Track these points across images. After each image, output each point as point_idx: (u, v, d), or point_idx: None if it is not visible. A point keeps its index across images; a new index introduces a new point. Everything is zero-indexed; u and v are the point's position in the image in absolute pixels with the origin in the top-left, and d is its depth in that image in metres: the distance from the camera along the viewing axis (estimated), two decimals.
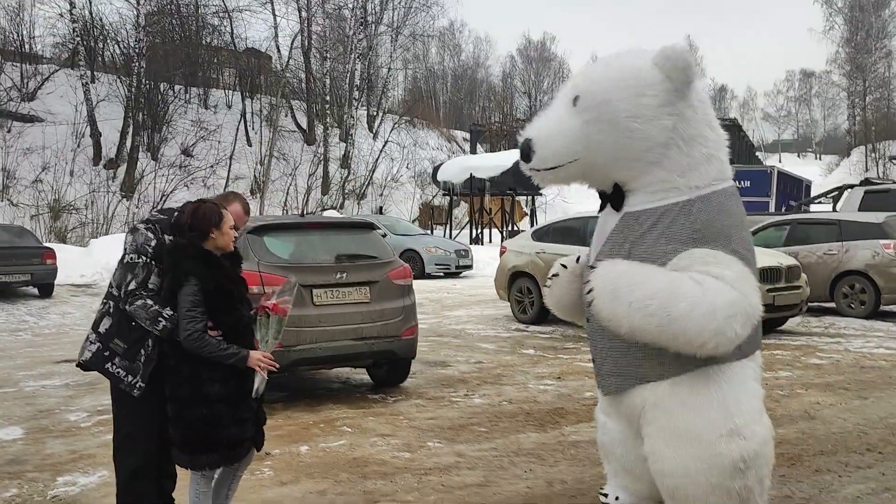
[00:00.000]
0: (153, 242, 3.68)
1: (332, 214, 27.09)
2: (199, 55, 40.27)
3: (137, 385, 3.66)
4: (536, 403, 7.20)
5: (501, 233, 32.07)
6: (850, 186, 19.77)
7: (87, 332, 3.84)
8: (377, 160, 40.30)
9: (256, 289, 6.03)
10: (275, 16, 40.79)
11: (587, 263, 4.09)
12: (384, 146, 41.34)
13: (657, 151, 3.71)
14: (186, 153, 34.64)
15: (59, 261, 16.37)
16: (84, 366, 3.80)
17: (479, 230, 32.50)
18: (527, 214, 37.35)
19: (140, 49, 31.60)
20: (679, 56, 3.66)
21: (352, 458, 5.54)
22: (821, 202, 24.19)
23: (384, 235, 19.77)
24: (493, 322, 12.83)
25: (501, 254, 13.36)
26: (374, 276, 7.35)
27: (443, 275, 21.55)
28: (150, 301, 3.59)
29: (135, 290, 3.60)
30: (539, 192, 34.81)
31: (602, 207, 4.05)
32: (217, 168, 34.24)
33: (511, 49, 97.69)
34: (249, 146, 37.57)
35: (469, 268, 22.22)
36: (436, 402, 7.27)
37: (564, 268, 4.34)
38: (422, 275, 20.60)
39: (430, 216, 37.33)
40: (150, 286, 3.64)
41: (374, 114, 46.61)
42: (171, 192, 29.39)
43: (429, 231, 30.66)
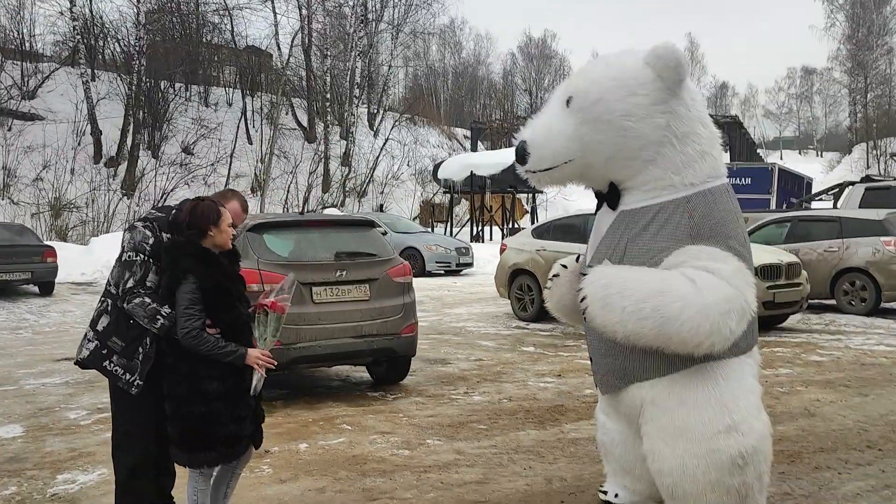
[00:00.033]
0: (151, 240, 3.67)
1: (333, 212, 27.09)
2: (200, 53, 40.24)
3: (135, 383, 3.66)
4: (536, 401, 7.19)
5: (502, 230, 32.07)
6: (851, 183, 19.76)
7: (86, 330, 3.84)
8: (378, 158, 40.29)
9: (256, 287, 6.02)
10: (275, 13, 40.83)
11: (585, 263, 4.09)
12: (385, 144, 41.33)
13: (651, 150, 3.73)
14: (187, 151, 34.64)
15: (60, 259, 16.38)
16: (82, 364, 3.80)
17: (480, 228, 32.51)
18: (528, 212, 37.35)
19: (140, 47, 31.59)
20: (670, 55, 3.68)
21: (351, 456, 5.54)
22: (821, 199, 24.16)
23: (384, 233, 19.82)
24: (494, 320, 12.83)
25: (502, 251, 13.36)
26: (374, 274, 7.35)
27: (443, 272, 21.56)
28: (149, 299, 3.58)
29: (133, 288, 3.60)
30: (540, 190, 34.79)
31: (598, 207, 4.07)
32: (218, 166, 34.23)
33: (512, 46, 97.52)
34: (250, 144, 37.56)
35: (470, 265, 22.23)
36: (435, 400, 7.27)
37: (565, 268, 4.35)
38: (422, 272, 20.61)
39: (431, 214, 37.32)
40: (149, 284, 3.63)
41: (375, 111, 46.59)
42: (172, 190, 29.40)
43: (429, 229, 30.66)
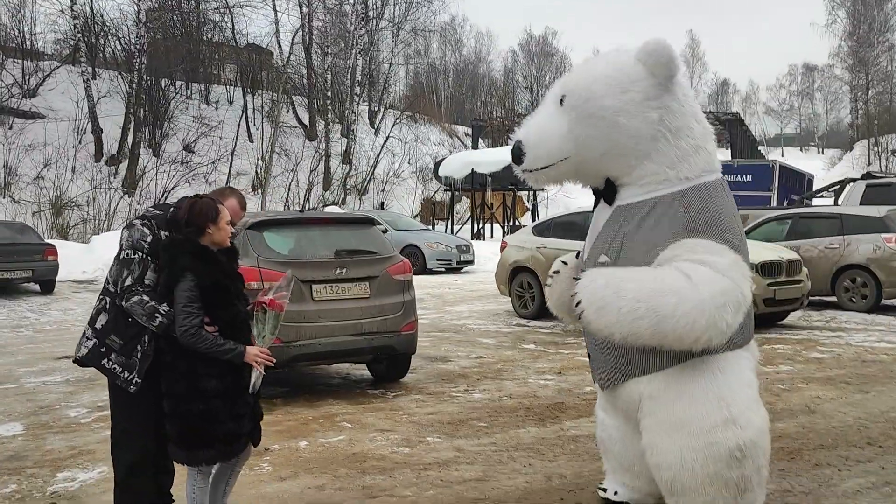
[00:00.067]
0: (149, 238, 3.67)
1: (334, 210, 27.09)
2: (201, 51, 40.25)
3: (134, 381, 3.66)
4: (536, 398, 7.19)
5: (503, 228, 32.05)
6: (852, 180, 19.73)
7: (84, 328, 3.84)
8: (378, 156, 40.27)
9: (256, 284, 6.02)
10: (276, 11, 40.83)
11: (583, 259, 4.10)
12: (385, 142, 41.31)
13: (645, 144, 3.76)
14: (188, 149, 34.64)
15: (61, 257, 16.39)
16: (81, 362, 3.80)
17: (481, 225, 32.49)
18: (528, 210, 37.32)
19: (141, 45, 31.57)
20: (661, 51, 3.71)
21: (351, 454, 5.54)
22: (822, 196, 24.13)
23: (385, 231, 19.82)
24: (494, 317, 12.83)
25: (502, 249, 13.35)
26: (374, 272, 7.34)
27: (444, 270, 21.56)
28: (147, 297, 3.58)
29: (131, 286, 3.60)
30: (541, 188, 34.76)
31: (596, 203, 4.09)
32: (218, 164, 34.24)
33: (513, 44, 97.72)
34: (251, 142, 37.56)
35: (470, 263, 22.21)
36: (436, 398, 7.27)
37: (565, 264, 4.38)
38: (423, 270, 20.59)
39: (432, 211, 37.31)
40: (147, 282, 3.63)
41: (376, 109, 46.57)
42: (173, 189, 29.40)
43: (430, 227, 30.66)
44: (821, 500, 4.55)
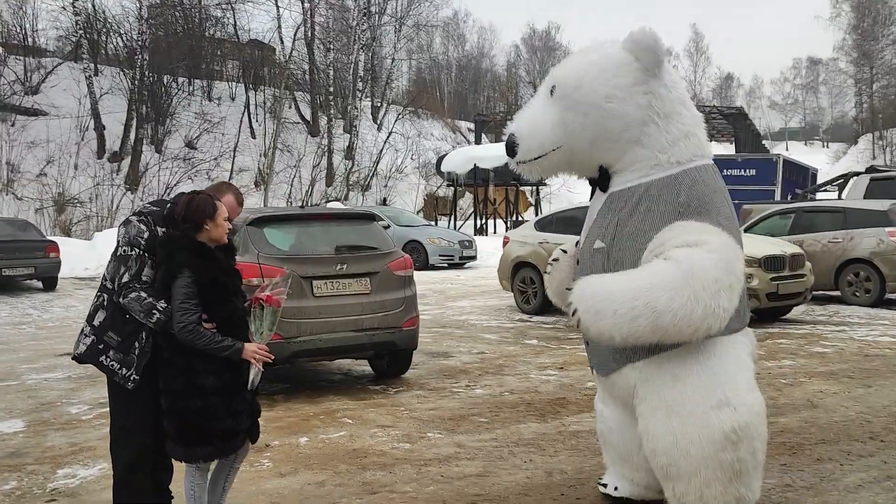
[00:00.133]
0: (146, 234, 3.66)
1: (337, 206, 27.08)
2: (203, 47, 40.24)
3: (131, 378, 3.64)
4: (538, 394, 7.18)
5: (506, 223, 32.03)
6: (856, 174, 19.66)
7: (83, 325, 3.83)
8: (381, 151, 40.26)
9: (256, 280, 6.02)
10: (278, 7, 40.78)
11: (580, 247, 4.14)
12: (388, 137, 41.29)
13: (635, 129, 3.82)
14: (190, 146, 34.66)
15: (63, 254, 16.41)
16: (79, 359, 3.79)
17: (484, 221, 32.47)
18: (531, 205, 37.30)
19: (143, 41, 31.58)
20: (646, 37, 3.79)
21: (351, 450, 5.54)
22: (826, 190, 24.06)
23: (387, 227, 19.80)
24: (497, 312, 12.82)
25: (504, 244, 13.33)
26: (375, 267, 7.33)
27: (447, 266, 21.54)
28: (144, 293, 3.57)
29: (128, 283, 3.59)
30: (544, 183, 34.73)
31: (592, 194, 4.13)
32: (221, 160, 34.24)
33: (516, 39, 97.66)
34: (253, 138, 37.56)
35: (473, 258, 22.20)
36: (437, 393, 7.26)
37: (564, 252, 4.46)
38: (425, 266, 20.59)
39: (435, 207, 37.31)
40: (144, 278, 3.62)
41: (378, 105, 46.55)
42: (176, 185, 29.40)
43: (433, 222, 30.64)
44: (822, 495, 4.53)
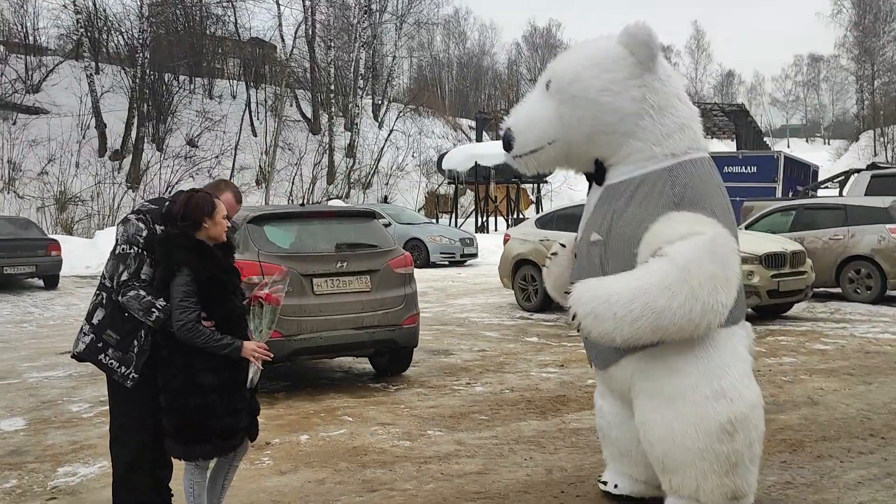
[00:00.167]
0: (144, 233, 3.66)
1: (338, 204, 27.07)
2: (204, 45, 40.24)
3: (130, 376, 3.65)
4: (538, 391, 7.18)
5: (507, 221, 32.01)
6: (857, 171, 19.63)
7: (81, 324, 3.83)
8: (382, 149, 40.26)
9: (257, 278, 6.00)
10: (278, 5, 40.77)
11: (578, 241, 4.19)
12: (389, 135, 41.28)
13: (630, 122, 3.84)
14: (191, 144, 34.67)
15: (65, 252, 16.42)
16: (78, 357, 3.79)
17: (485, 218, 32.45)
18: (533, 202, 37.27)
19: (144, 39, 31.57)
20: (640, 31, 3.82)
21: (351, 447, 5.54)
22: (827, 187, 24.04)
23: (388, 224, 19.79)
24: (498, 310, 12.82)
25: (505, 242, 13.32)
26: (375, 265, 7.33)
27: (448, 263, 21.53)
28: (143, 292, 3.57)
29: (127, 281, 3.59)
30: (545, 180, 34.72)
31: (589, 188, 4.16)
32: (222, 158, 34.25)
33: (517, 36, 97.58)
34: (254, 136, 37.56)
35: (474, 256, 22.20)
36: (437, 391, 7.26)
37: (563, 247, 4.48)
38: (427, 264, 20.59)
39: (436, 205, 37.29)
40: (143, 277, 3.62)
41: (379, 102, 46.52)
42: (177, 183, 29.38)
43: (434, 220, 30.62)
44: (822, 492, 4.53)
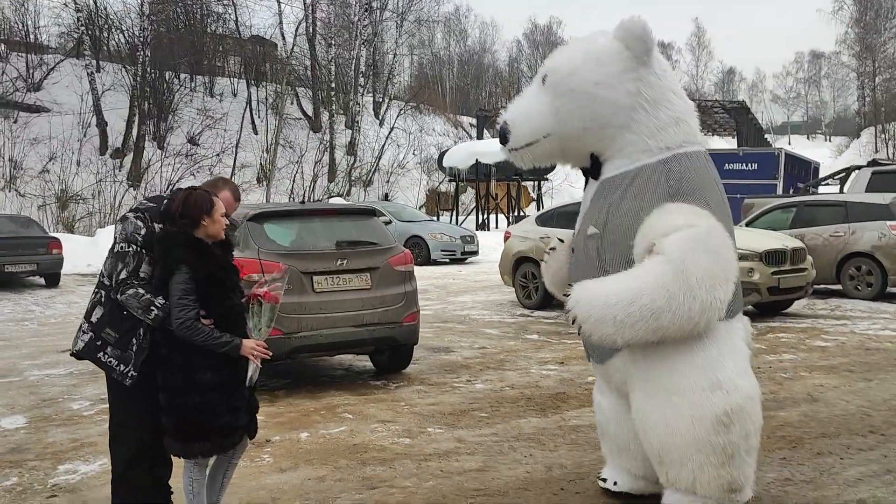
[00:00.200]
0: (143, 231, 3.66)
1: (339, 201, 27.08)
2: (204, 43, 40.23)
3: (129, 374, 3.65)
4: (538, 388, 7.19)
5: (508, 218, 32.00)
6: (858, 167, 19.61)
7: (81, 322, 3.84)
8: (383, 147, 40.24)
9: (257, 276, 6.00)
10: (279, 2, 40.67)
11: (575, 235, 4.22)
12: (390, 132, 41.26)
13: (624, 115, 3.87)
14: (192, 142, 34.68)
15: (66, 250, 16.43)
16: (77, 355, 3.80)
17: (486, 216, 32.45)
18: (533, 200, 37.27)
19: (145, 38, 31.57)
20: (636, 26, 3.85)
21: (352, 445, 5.55)
22: (828, 184, 24.01)
23: (388, 222, 19.79)
24: (498, 307, 12.82)
25: (506, 239, 13.33)
26: (375, 263, 7.33)
27: (448, 261, 21.54)
28: (142, 290, 3.57)
29: (126, 279, 3.59)
30: (545, 177, 34.71)
31: (586, 184, 4.21)
32: (223, 156, 34.25)
33: (517, 34, 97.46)
34: (255, 134, 37.55)
35: (475, 254, 22.21)
36: (438, 388, 7.26)
37: (561, 241, 4.53)
38: (427, 261, 20.60)
39: (437, 202, 37.28)
40: (142, 275, 3.62)
41: (380, 100, 46.50)
42: (178, 181, 29.38)
43: (435, 217, 30.63)
44: (822, 489, 4.53)
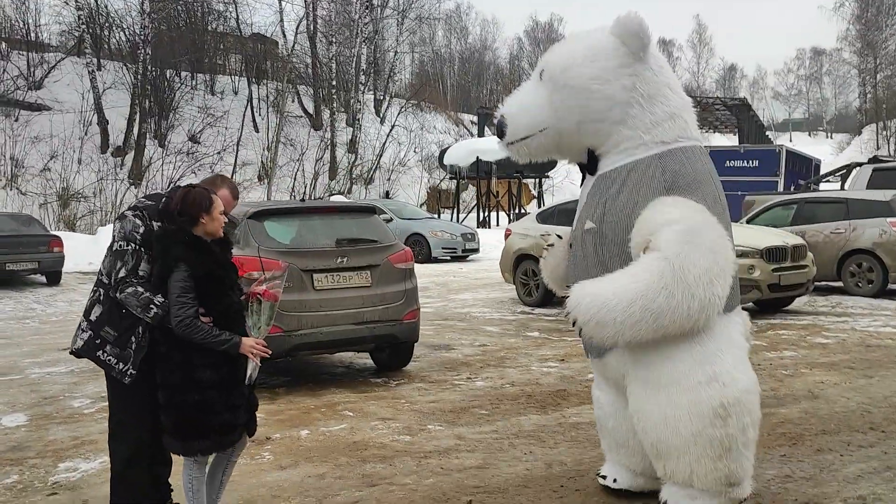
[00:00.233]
0: (141, 229, 3.66)
1: (340, 199, 27.08)
2: (205, 41, 40.25)
3: (128, 372, 3.65)
4: (539, 385, 7.19)
5: (509, 216, 31.99)
6: (859, 164, 19.59)
7: (80, 320, 3.84)
8: (384, 144, 40.25)
9: (257, 274, 6.01)
10: (280, 0, 40.71)
11: (573, 230, 4.22)
12: (391, 130, 41.27)
13: (619, 110, 3.88)
14: (193, 140, 34.71)
15: (67, 248, 16.46)
16: (76, 353, 3.80)
17: (487, 213, 32.45)
18: (535, 197, 37.26)
19: (145, 36, 31.59)
20: (632, 22, 3.87)
21: (352, 442, 5.55)
22: (829, 181, 23.99)
23: (389, 220, 19.79)
24: (499, 305, 12.82)
25: (506, 237, 13.33)
26: (375, 260, 7.33)
27: (449, 258, 21.55)
28: (141, 288, 3.57)
29: (125, 278, 3.59)
30: (546, 175, 34.71)
31: (583, 180, 4.20)
32: (224, 154, 34.30)
33: (518, 31, 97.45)
34: (256, 132, 37.57)
35: (476, 251, 22.21)
36: (438, 386, 7.27)
37: (560, 238, 4.52)
38: (428, 259, 20.60)
39: (438, 200, 37.29)
40: (141, 273, 3.62)
41: (381, 98, 46.50)
42: (179, 179, 29.42)
43: (436, 215, 30.64)
44: (822, 486, 4.53)
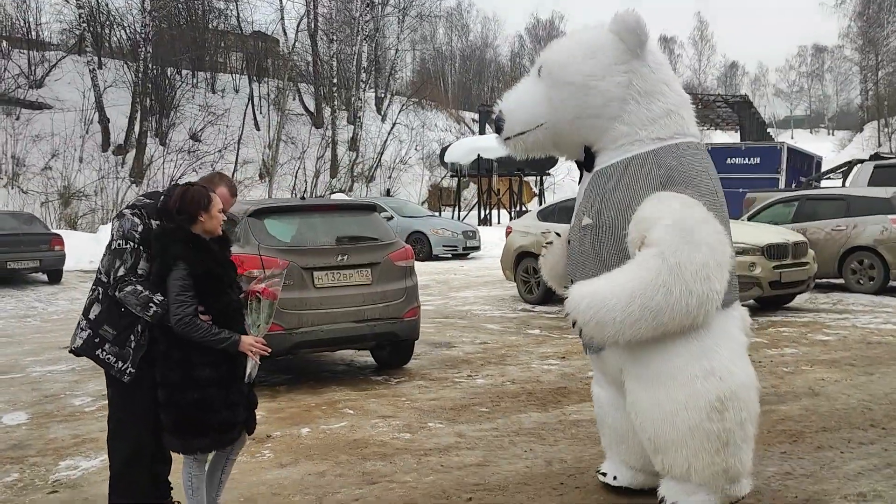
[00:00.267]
0: (140, 228, 3.66)
1: (341, 197, 27.08)
2: (206, 39, 40.26)
3: (128, 371, 3.65)
4: (539, 383, 7.19)
5: (510, 213, 31.98)
6: (860, 161, 19.57)
7: (79, 319, 3.84)
8: (385, 142, 40.24)
9: (257, 272, 6.02)
10: None
11: (571, 227, 4.24)
12: (392, 128, 41.26)
13: (615, 106, 3.90)
14: (195, 138, 34.71)
15: (69, 247, 16.49)
16: (76, 352, 3.81)
17: (488, 211, 32.44)
18: (536, 195, 37.23)
19: (146, 34, 31.61)
20: (630, 19, 3.89)
21: (352, 440, 5.55)
22: (830, 178, 23.96)
23: (390, 218, 19.78)
24: (500, 302, 12.82)
25: (507, 234, 13.33)
26: (376, 258, 7.33)
27: (450, 256, 21.55)
28: (140, 287, 3.57)
29: (124, 276, 3.59)
30: (547, 173, 34.68)
31: (581, 177, 4.21)
32: (225, 153, 34.30)
33: (519, 28, 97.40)
34: (257, 130, 37.57)
35: (477, 249, 22.20)
36: (438, 383, 7.27)
37: (558, 236, 4.52)
38: (429, 257, 20.61)
39: (439, 198, 37.28)
40: (140, 272, 3.62)
41: (382, 96, 46.47)
42: (180, 177, 29.42)
43: (437, 213, 30.63)
44: (822, 483, 4.53)
